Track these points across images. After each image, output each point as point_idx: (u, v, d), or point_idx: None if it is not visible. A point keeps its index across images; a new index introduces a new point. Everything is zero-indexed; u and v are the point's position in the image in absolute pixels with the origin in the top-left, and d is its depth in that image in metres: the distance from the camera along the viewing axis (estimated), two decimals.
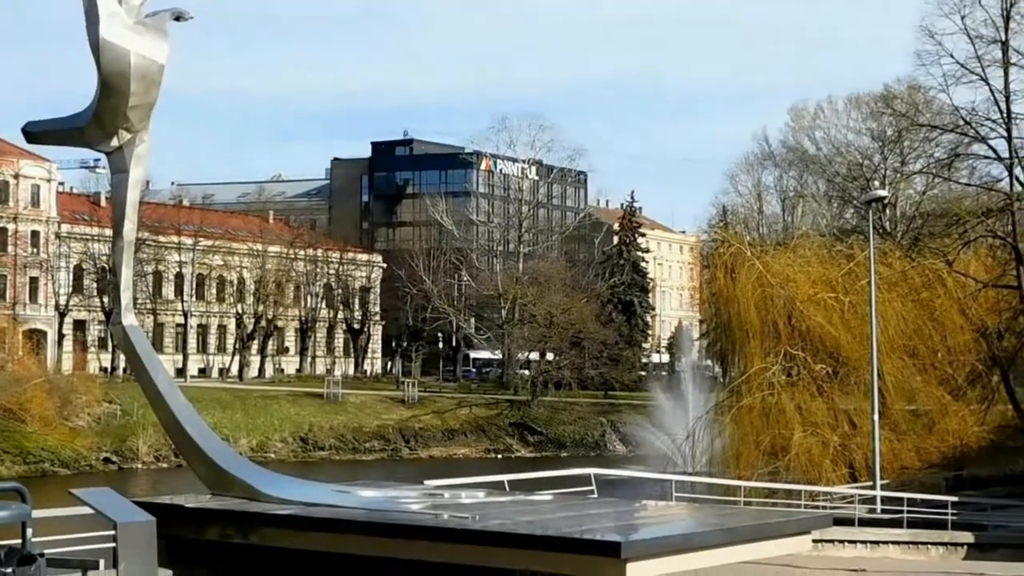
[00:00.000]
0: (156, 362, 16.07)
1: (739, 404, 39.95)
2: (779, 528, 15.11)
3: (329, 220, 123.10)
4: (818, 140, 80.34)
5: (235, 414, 75.47)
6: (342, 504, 14.89)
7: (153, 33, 14.19)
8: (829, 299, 40.75)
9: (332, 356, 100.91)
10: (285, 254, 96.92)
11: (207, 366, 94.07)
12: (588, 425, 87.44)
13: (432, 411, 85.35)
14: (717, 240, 59.47)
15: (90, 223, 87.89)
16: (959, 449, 42.39)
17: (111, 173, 15.33)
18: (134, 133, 14.71)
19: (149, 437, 66.63)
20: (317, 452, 77.28)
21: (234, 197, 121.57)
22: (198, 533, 14.79)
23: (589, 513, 15.53)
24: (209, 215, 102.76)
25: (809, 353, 40.05)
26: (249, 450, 68.87)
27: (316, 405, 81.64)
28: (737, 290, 40.94)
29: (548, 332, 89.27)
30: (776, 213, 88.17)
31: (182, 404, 15.81)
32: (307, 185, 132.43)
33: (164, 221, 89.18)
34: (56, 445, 65.11)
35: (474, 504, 15.15)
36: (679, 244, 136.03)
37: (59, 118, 15.27)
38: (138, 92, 14.22)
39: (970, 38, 45.91)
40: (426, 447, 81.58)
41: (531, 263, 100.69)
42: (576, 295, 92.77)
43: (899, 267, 43.80)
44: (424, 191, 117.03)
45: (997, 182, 49.54)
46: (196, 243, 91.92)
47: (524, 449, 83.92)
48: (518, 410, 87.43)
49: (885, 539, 25.67)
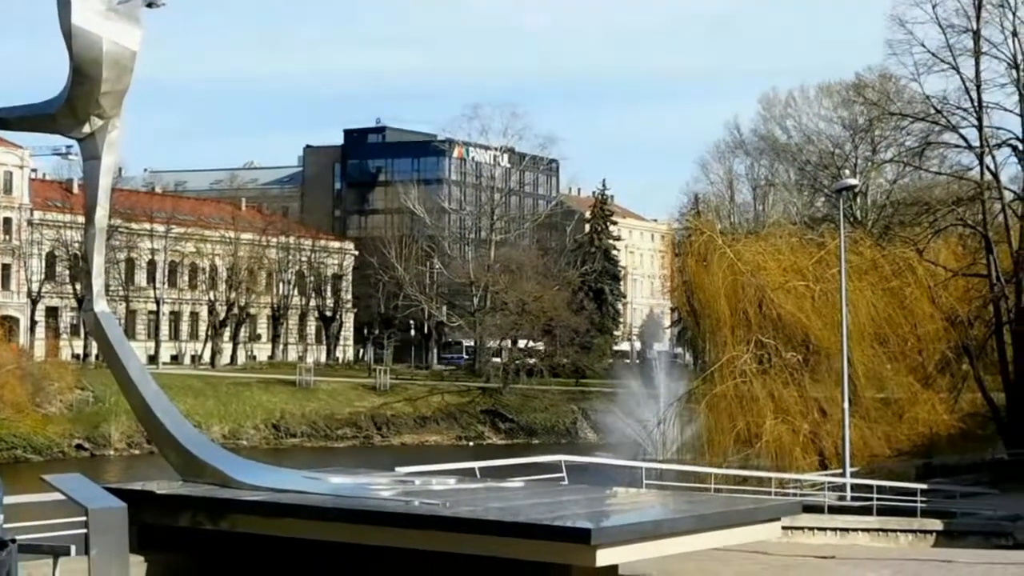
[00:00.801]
0: (128, 349, 16.06)
1: (711, 392, 40.13)
2: (749, 515, 15.24)
3: (301, 207, 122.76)
4: (789, 129, 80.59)
5: (207, 401, 75.32)
6: (313, 490, 14.93)
7: (125, 20, 14.15)
8: (800, 287, 40.95)
9: (304, 343, 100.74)
10: (257, 241, 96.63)
11: (179, 353, 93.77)
12: (559, 412, 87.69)
13: (404, 398, 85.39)
14: (688, 228, 59.74)
15: (62, 210, 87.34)
16: (929, 437, 42.74)
17: (83, 160, 15.27)
18: (106, 119, 14.68)
19: (121, 424, 66.45)
20: (289, 439, 77.22)
21: (207, 184, 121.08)
22: (169, 519, 14.80)
23: (560, 500, 15.62)
24: (181, 202, 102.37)
25: (780, 341, 40.25)
26: (221, 437, 68.77)
27: (288, 392, 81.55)
28: (708, 278, 41.07)
29: (520, 320, 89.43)
30: (748, 201, 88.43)
31: (154, 391, 15.81)
32: (280, 172, 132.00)
33: (136, 208, 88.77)
34: (28, 432, 64.89)
35: (445, 491, 15.22)
36: (651, 232, 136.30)
37: (31, 104, 15.21)
38: (110, 79, 14.18)
39: (941, 27, 46.19)
40: (398, 434, 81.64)
41: (503, 251, 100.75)
42: (548, 283, 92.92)
43: (870, 255, 44.00)
44: (396, 179, 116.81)
45: (968, 171, 49.85)
46: (168, 230, 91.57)
47: (495, 436, 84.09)
48: (490, 397, 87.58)
49: (854, 526, 25.85)
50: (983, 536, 27.33)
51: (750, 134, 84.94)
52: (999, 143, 47.51)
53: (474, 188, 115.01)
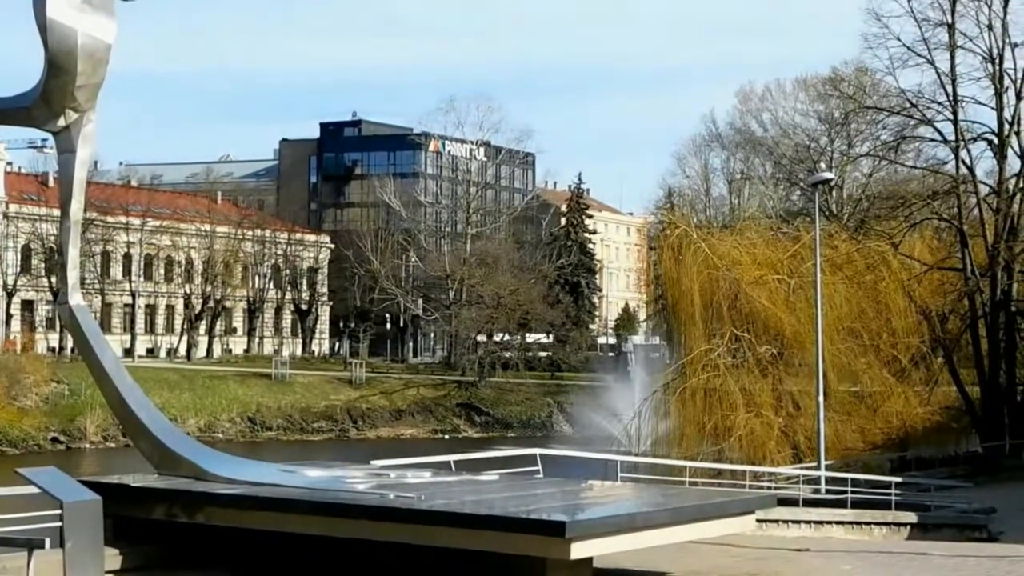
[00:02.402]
0: (103, 342, 16.00)
1: (684, 385, 40.30)
2: (723, 508, 15.31)
3: (277, 201, 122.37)
4: (765, 122, 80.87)
5: (183, 394, 75.13)
6: (288, 484, 14.93)
7: (100, 12, 14.10)
8: (774, 281, 41.14)
9: (280, 337, 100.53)
10: (233, 235, 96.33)
11: (155, 346, 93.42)
12: (535, 406, 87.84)
13: (380, 392, 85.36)
14: (664, 222, 59.86)
15: (38, 203, 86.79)
16: (903, 430, 43.04)
17: (58, 153, 15.20)
18: (81, 113, 14.62)
19: (97, 417, 66.26)
20: (265, 432, 77.10)
21: (182, 177, 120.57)
22: (144, 512, 14.78)
23: (535, 493, 15.66)
24: (157, 195, 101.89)
25: (754, 335, 40.44)
26: (197, 430, 68.62)
27: (264, 385, 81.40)
28: (683, 272, 41.21)
29: (496, 313, 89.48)
30: (723, 195, 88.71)
31: (129, 384, 15.76)
32: (255, 166, 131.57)
33: (112, 201, 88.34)
34: (3, 425, 64.72)
35: (420, 484, 15.24)
36: (626, 226, 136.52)
37: (4, 97, 15.13)
38: (85, 72, 14.13)
39: (916, 21, 46.44)
40: (373, 427, 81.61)
41: (479, 244, 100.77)
42: (523, 276, 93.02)
43: (844, 249, 44.23)
44: (372, 172, 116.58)
45: (943, 165, 50.15)
46: (144, 223, 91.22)
47: (471, 430, 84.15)
48: (465, 391, 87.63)
49: (829, 519, 25.98)
50: (957, 529, 27.54)
51: (726, 128, 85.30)
52: (974, 137, 47.79)
53: (450, 181, 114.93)
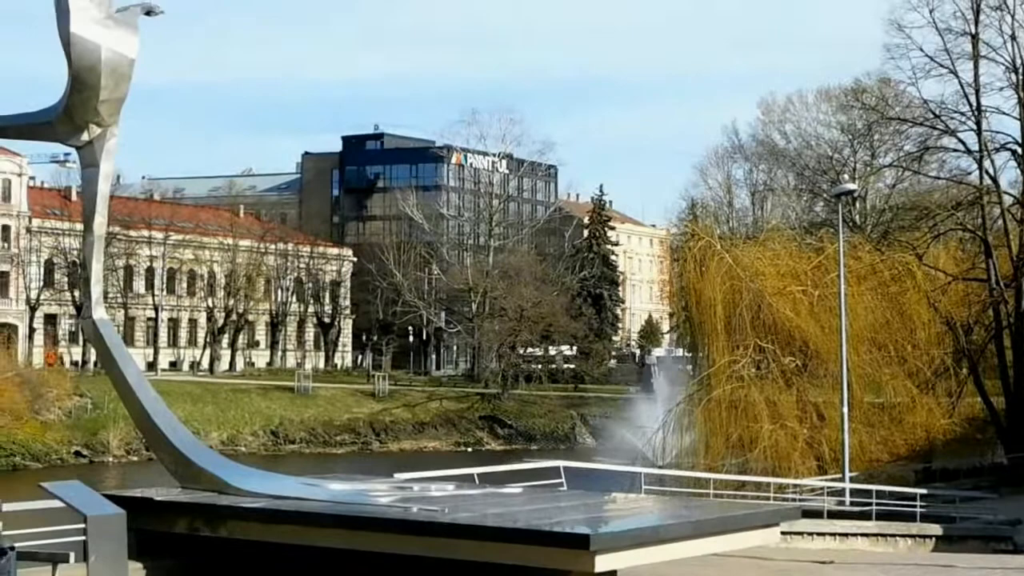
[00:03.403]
0: (126, 355, 16.06)
1: (708, 397, 40.14)
2: (747, 520, 15.24)
3: (300, 214, 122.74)
4: (788, 133, 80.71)
5: (206, 407, 75.31)
6: (311, 497, 14.93)
7: (123, 28, 14.19)
8: (798, 292, 40.96)
9: (302, 350, 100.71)
10: (256, 248, 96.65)
11: (178, 360, 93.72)
12: (558, 418, 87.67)
13: (402, 404, 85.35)
14: (686, 233, 59.71)
15: (61, 218, 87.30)
16: (927, 441, 42.72)
17: (81, 167, 15.29)
18: (104, 127, 14.70)
19: (120, 431, 66.41)
20: (287, 445, 77.18)
21: (205, 191, 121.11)
22: (167, 526, 14.80)
23: (558, 506, 15.62)
24: (180, 209, 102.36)
25: (778, 346, 40.26)
26: (220, 443, 68.73)
27: (287, 399, 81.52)
28: (706, 283, 41.09)
29: (518, 326, 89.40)
30: (746, 206, 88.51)
31: (152, 398, 15.81)
32: (278, 179, 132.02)
33: (135, 215, 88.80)
34: (27, 439, 64.89)
35: (444, 497, 15.23)
36: (649, 237, 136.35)
37: (29, 112, 15.23)
38: (108, 87, 14.21)
39: (939, 31, 46.25)
40: (396, 440, 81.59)
41: (501, 257, 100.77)
42: (546, 288, 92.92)
43: (868, 260, 44.02)
44: (394, 185, 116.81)
45: (967, 175, 49.89)
46: (167, 237, 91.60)
47: (494, 442, 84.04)
48: (488, 403, 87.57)
49: (853, 531, 25.87)
50: (983, 541, 27.36)
51: (749, 139, 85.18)
52: (998, 147, 47.53)
53: (472, 194, 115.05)
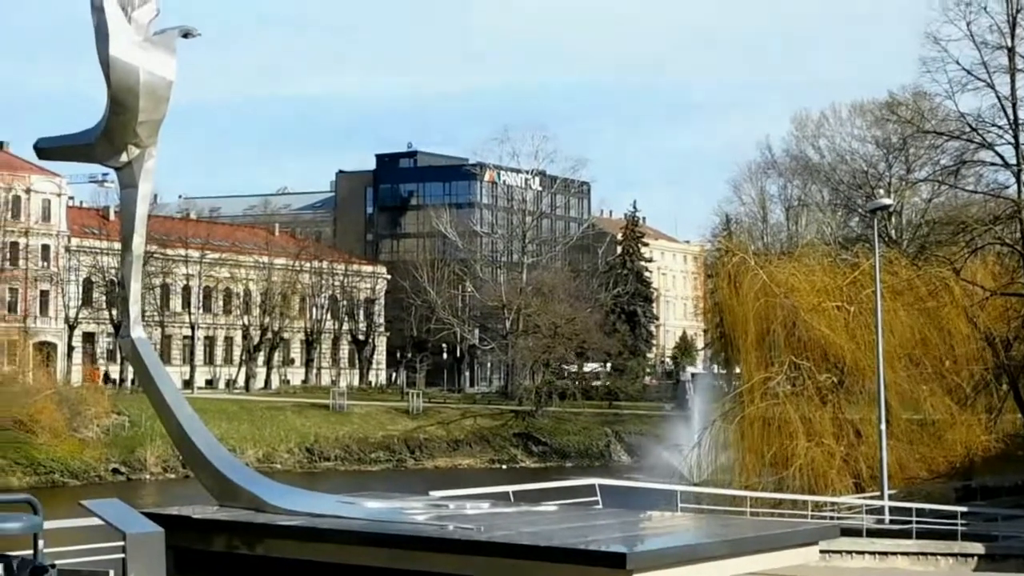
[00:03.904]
0: (164, 374, 16.15)
1: (743, 414, 39.97)
2: (785, 539, 15.14)
3: (334, 232, 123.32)
4: (822, 148, 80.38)
5: (241, 425, 75.67)
6: (347, 515, 14.95)
7: (161, 50, 14.33)
8: (833, 308, 40.74)
9: (337, 367, 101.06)
10: (291, 266, 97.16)
11: (214, 377, 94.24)
12: (592, 435, 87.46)
13: (437, 422, 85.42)
14: (720, 250, 59.57)
15: (99, 237, 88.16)
16: (967, 459, 42.31)
17: (120, 188, 15.42)
18: (143, 148, 14.83)
19: (157, 448, 66.85)
20: (323, 463, 77.40)
21: (240, 210, 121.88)
22: (205, 544, 14.86)
23: (594, 524, 15.58)
24: (216, 228, 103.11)
25: (813, 363, 40.05)
26: (256, 461, 68.99)
27: (321, 416, 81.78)
28: (740, 299, 40.95)
29: (552, 342, 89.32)
30: (780, 222, 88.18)
31: (189, 415, 15.89)
32: (312, 198, 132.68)
33: (172, 234, 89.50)
34: (65, 456, 65.45)
35: (479, 515, 15.21)
36: (683, 254, 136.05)
37: (69, 134, 15.40)
38: (147, 108, 14.35)
39: (976, 44, 45.98)
40: (431, 457, 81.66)
41: (535, 274, 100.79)
42: (580, 305, 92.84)
43: (905, 275, 43.74)
44: (428, 203, 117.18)
45: (1004, 189, 49.51)
46: (203, 256, 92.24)
47: (528, 459, 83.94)
48: (522, 420, 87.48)
49: (893, 550, 25.65)
50: None
51: (782, 154, 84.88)
52: None
53: (505, 211, 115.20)
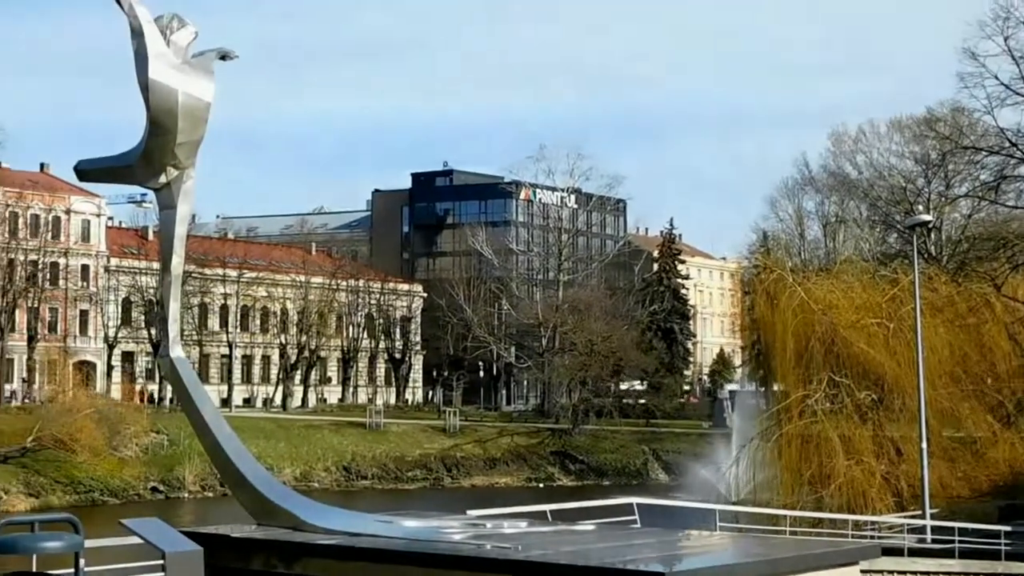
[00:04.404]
0: (202, 393, 16.23)
1: (781, 432, 39.72)
2: (825, 559, 14.98)
3: (370, 251, 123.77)
4: (860, 164, 79.86)
5: (279, 443, 75.91)
6: (385, 534, 14.95)
7: (200, 72, 14.46)
8: (873, 325, 40.44)
9: (374, 385, 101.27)
10: (327, 285, 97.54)
11: (251, 396, 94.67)
12: (630, 453, 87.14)
13: (473, 440, 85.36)
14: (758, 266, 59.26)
15: (138, 256, 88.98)
16: (1011, 476, 41.78)
17: (159, 209, 15.55)
18: (181, 170, 14.94)
19: (195, 467, 67.17)
20: (360, 481, 77.51)
21: (277, 229, 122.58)
22: (244, 563, 14.88)
23: (632, 543, 15.49)
24: (253, 247, 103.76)
25: (853, 380, 39.76)
26: (293, 479, 69.18)
27: (359, 434, 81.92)
28: (778, 316, 40.75)
29: (589, 360, 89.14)
30: (818, 238, 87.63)
31: (227, 434, 15.94)
32: (348, 217, 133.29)
33: (209, 254, 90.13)
34: (105, 475, 65.90)
35: (517, 534, 15.17)
36: (720, 271, 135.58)
37: (109, 156, 15.54)
38: (185, 130, 14.46)
39: (1014, 59, 45.63)
40: (468, 476, 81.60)
41: (571, 291, 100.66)
42: (616, 323, 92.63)
43: (945, 292, 43.38)
44: (464, 221, 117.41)
45: None
46: (240, 275, 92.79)
47: (566, 478, 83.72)
48: (559, 439, 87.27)
49: (936, 570, 25.37)
50: None
51: (820, 170, 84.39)
52: None
53: (541, 229, 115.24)
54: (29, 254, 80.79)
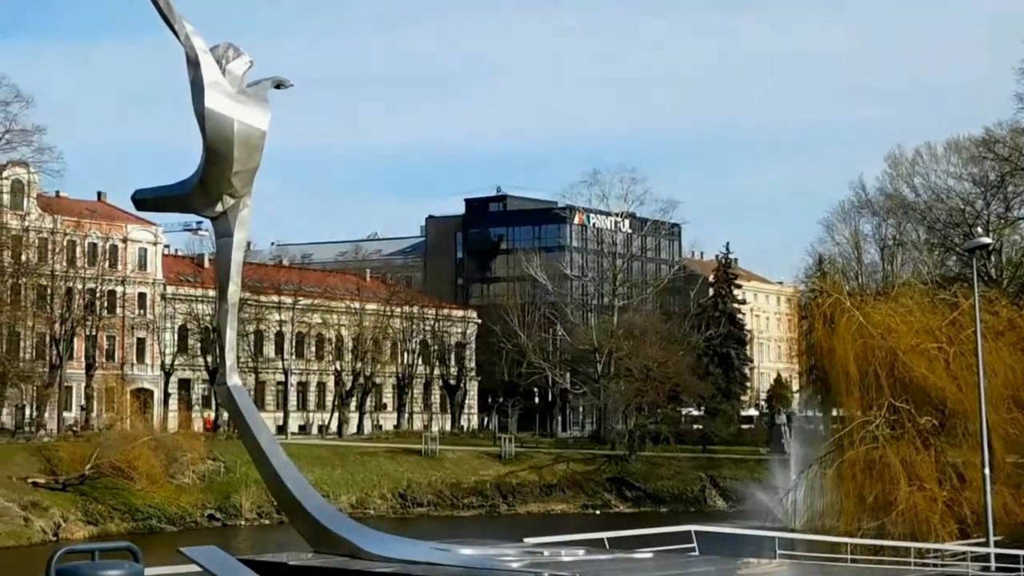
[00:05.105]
0: (259, 420, 16.29)
1: (842, 458, 39.27)
2: None
3: (424, 277, 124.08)
4: (917, 187, 79.05)
5: (335, 471, 76.03)
6: (442, 562, 14.88)
7: (255, 101, 14.57)
8: (933, 349, 39.92)
9: (429, 412, 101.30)
10: (382, 311, 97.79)
11: (307, 423, 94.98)
12: (687, 480, 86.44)
13: (529, 466, 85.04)
14: (815, 290, 58.77)
15: (194, 284, 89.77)
16: None
17: (216, 237, 15.68)
18: (238, 198, 15.05)
19: (252, 494, 67.38)
20: (416, 508, 77.43)
21: (332, 256, 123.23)
22: None
23: (691, 571, 15.33)
24: (308, 274, 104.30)
25: (913, 405, 39.26)
26: (349, 506, 69.23)
27: (414, 461, 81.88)
28: (836, 341, 40.36)
29: (644, 386, 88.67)
30: (875, 262, 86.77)
31: (284, 462, 15.97)
32: (402, 243, 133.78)
33: (264, 281, 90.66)
34: (162, 502, 66.23)
35: (574, 562, 15.05)
36: (776, 295, 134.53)
37: (165, 185, 15.69)
38: (241, 158, 14.57)
39: None
40: (524, 503, 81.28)
41: (626, 316, 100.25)
42: (672, 348, 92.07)
43: (1005, 315, 42.75)
44: (518, 246, 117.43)
45: None
46: (295, 302, 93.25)
47: (622, 504, 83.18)
48: (615, 465, 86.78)
49: None
50: None
51: (876, 193, 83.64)
52: None
53: (595, 254, 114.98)
54: (87, 282, 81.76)
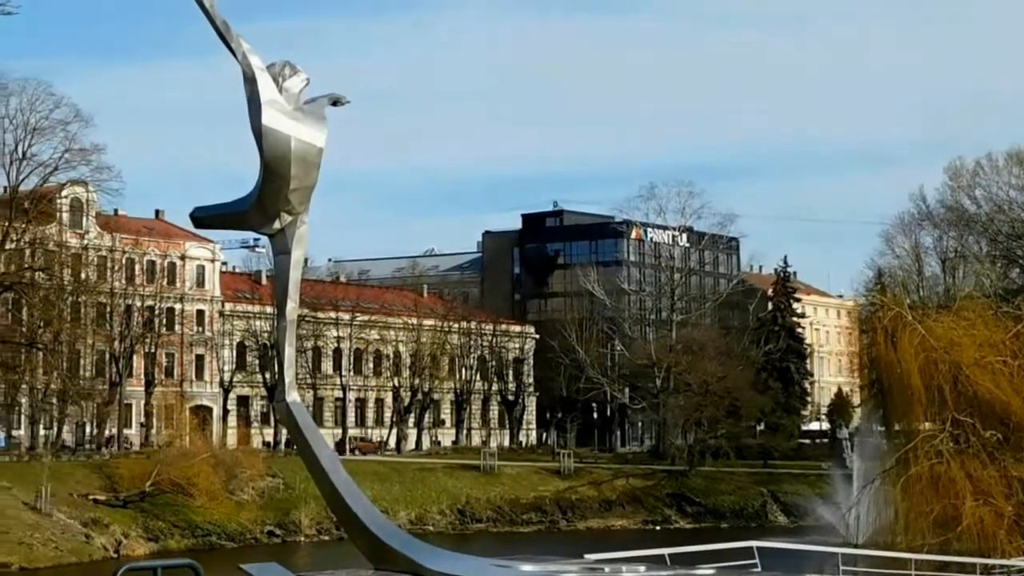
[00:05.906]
0: (318, 437, 16.32)
1: (906, 473, 38.72)
2: None
3: (481, 292, 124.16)
4: (978, 198, 78.13)
5: (393, 487, 76.18)
6: None
7: (312, 118, 14.64)
8: (996, 363, 39.30)
9: (487, 428, 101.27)
10: (439, 327, 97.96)
11: (366, 439, 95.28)
12: (747, 495, 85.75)
13: (588, 482, 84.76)
14: (875, 304, 58.14)
15: (251, 301, 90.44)
16: None
17: (273, 254, 15.75)
18: (295, 215, 15.11)
19: (311, 510, 67.67)
20: (475, 524, 77.41)
21: (389, 272, 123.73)
22: None
23: None
24: (365, 291, 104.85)
25: (978, 419, 38.65)
26: (408, 523, 69.31)
27: (472, 477, 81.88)
28: (898, 355, 39.86)
29: (703, 401, 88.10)
30: (936, 275, 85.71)
31: (344, 478, 15.99)
32: (459, 259, 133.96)
33: (322, 298, 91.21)
34: (222, 519, 66.67)
35: None
36: (836, 308, 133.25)
37: (223, 203, 15.80)
38: (298, 175, 14.63)
39: None
40: (583, 519, 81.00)
41: (684, 331, 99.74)
42: (731, 363, 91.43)
43: None
44: (575, 261, 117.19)
45: None
46: (353, 318, 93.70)
47: (682, 520, 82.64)
48: (675, 480, 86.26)
49: None
50: None
51: (937, 205, 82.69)
52: None
53: (653, 268, 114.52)
54: (146, 300, 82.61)
